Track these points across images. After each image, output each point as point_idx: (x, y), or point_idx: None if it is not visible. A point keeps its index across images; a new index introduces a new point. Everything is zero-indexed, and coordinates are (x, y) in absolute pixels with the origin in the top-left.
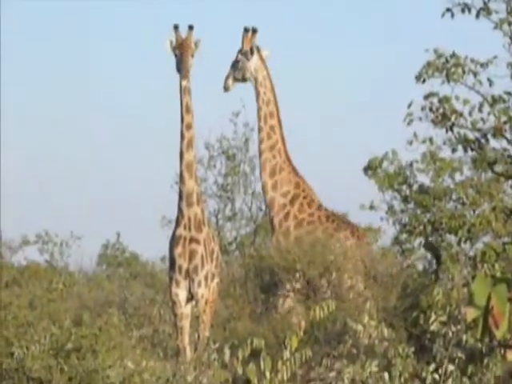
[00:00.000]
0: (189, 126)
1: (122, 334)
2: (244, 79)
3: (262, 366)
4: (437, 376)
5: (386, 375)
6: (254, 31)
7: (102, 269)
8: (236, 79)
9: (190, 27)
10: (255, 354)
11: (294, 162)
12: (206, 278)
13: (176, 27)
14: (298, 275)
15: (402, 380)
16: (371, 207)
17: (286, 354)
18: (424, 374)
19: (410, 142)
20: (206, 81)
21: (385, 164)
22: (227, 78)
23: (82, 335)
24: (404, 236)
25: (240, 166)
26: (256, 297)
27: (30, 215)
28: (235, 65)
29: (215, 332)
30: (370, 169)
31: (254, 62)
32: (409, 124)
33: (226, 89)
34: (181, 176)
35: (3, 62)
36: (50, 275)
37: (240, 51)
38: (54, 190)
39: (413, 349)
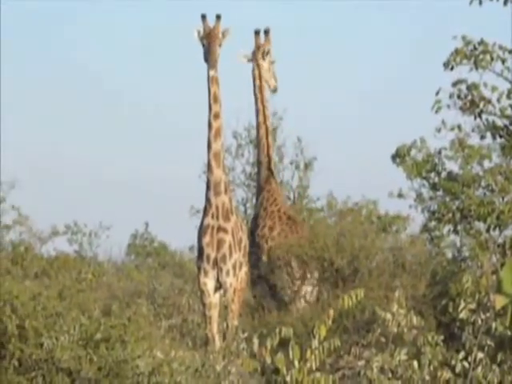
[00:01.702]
0: (216, 116)
1: (150, 324)
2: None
3: (291, 355)
4: (466, 364)
5: (415, 363)
6: (266, 32)
7: (131, 259)
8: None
9: (218, 17)
10: (284, 343)
11: (325, 151)
12: (234, 267)
13: (203, 17)
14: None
15: (432, 368)
16: (400, 195)
17: (315, 342)
18: (453, 362)
19: (439, 130)
20: (235, 70)
21: (413, 152)
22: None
23: (111, 325)
24: (433, 223)
25: None
26: (284, 285)
27: (60, 206)
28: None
29: (244, 321)
30: (399, 157)
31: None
32: (437, 111)
33: (274, 91)
34: (208, 165)
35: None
36: (79, 265)
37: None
38: (82, 180)
39: (442, 337)
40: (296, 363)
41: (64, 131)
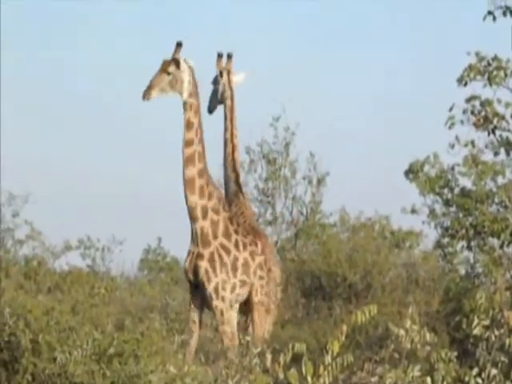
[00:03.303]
0: (189, 143)
1: (163, 338)
2: (174, 91)
3: (304, 371)
4: (480, 380)
5: (429, 380)
6: (229, 56)
7: (144, 274)
8: (163, 91)
9: (179, 44)
10: (297, 359)
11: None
12: (215, 290)
13: (179, 45)
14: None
15: None
16: (413, 211)
17: (328, 358)
18: (467, 379)
19: (452, 146)
20: (247, 86)
21: (426, 167)
22: (210, 103)
23: (124, 340)
24: (446, 240)
25: (281, 170)
26: (297, 301)
27: (72, 220)
28: (214, 93)
29: (256, 337)
30: (412, 172)
31: (186, 73)
32: (450, 127)
33: (148, 99)
34: (184, 193)
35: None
36: (92, 280)
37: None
38: (94, 195)
39: (455, 353)
40: (309, 379)
41: (77, 145)
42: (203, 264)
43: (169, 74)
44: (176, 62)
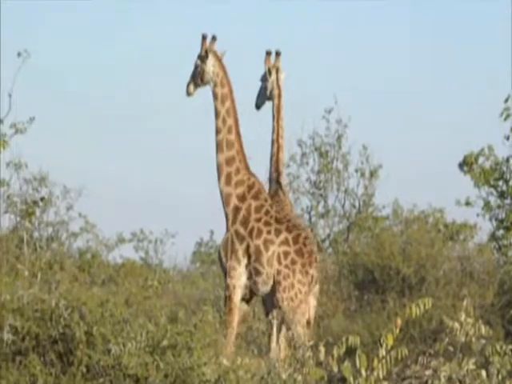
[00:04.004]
0: (218, 131)
1: (216, 331)
2: (204, 83)
3: (358, 364)
4: None
5: (484, 373)
6: (277, 54)
7: (196, 266)
8: (197, 85)
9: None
10: (350, 352)
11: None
12: (225, 277)
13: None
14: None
15: (500, 378)
16: (467, 203)
17: (382, 351)
18: None
19: (507, 137)
20: (298, 78)
21: (481, 160)
22: (188, 85)
23: (178, 332)
24: (501, 232)
25: (333, 163)
26: (350, 294)
27: (126, 214)
28: (194, 71)
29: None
30: (466, 164)
31: (210, 64)
32: (505, 119)
33: (189, 95)
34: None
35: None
36: (146, 273)
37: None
38: (148, 188)
39: (511, 346)
40: (363, 372)
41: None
42: (220, 250)
43: (197, 67)
44: (202, 55)
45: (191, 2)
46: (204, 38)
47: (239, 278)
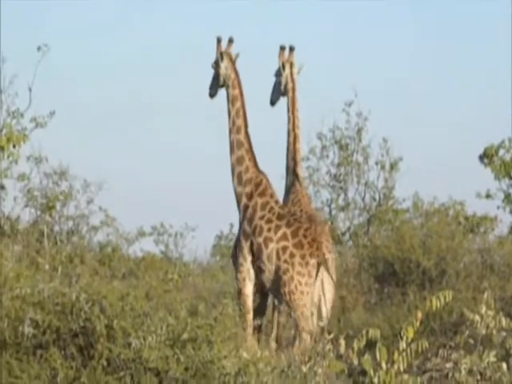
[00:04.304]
0: (229, 131)
1: (236, 324)
2: (221, 85)
3: (378, 357)
4: None
5: (504, 365)
6: (291, 49)
7: (216, 260)
8: (216, 86)
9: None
10: (371, 345)
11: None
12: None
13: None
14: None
15: None
16: (487, 196)
17: (402, 344)
18: None
19: None
20: (317, 72)
21: (501, 152)
22: (210, 87)
23: (198, 326)
24: None
25: (353, 156)
26: (370, 287)
27: (146, 207)
28: (214, 73)
29: (330, 323)
30: (486, 157)
31: (223, 67)
32: None
33: (211, 96)
34: None
35: None
36: (166, 266)
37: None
38: (169, 182)
39: None
40: (383, 365)
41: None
42: (232, 247)
43: (213, 70)
44: (217, 57)
45: (191, 2)
46: (219, 41)
47: (248, 272)
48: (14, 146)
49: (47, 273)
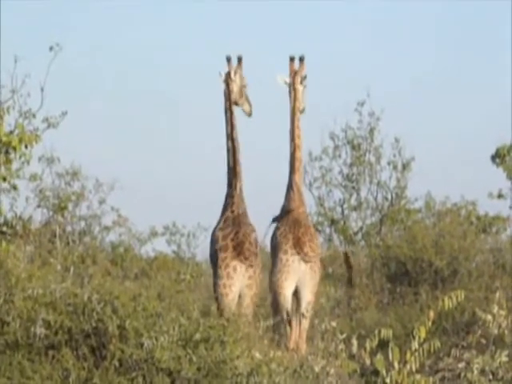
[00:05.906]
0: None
1: (249, 324)
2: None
3: (390, 357)
4: None
5: None
6: (301, 59)
7: None
8: (237, 104)
9: (239, 59)
10: (383, 345)
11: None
12: None
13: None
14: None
15: None
16: (500, 196)
17: (415, 344)
18: None
19: None
20: (330, 72)
21: None
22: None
23: (210, 326)
24: None
25: (365, 156)
26: (382, 287)
27: (158, 207)
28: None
29: (342, 322)
30: (498, 157)
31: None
32: None
33: (248, 115)
34: None
35: None
36: (178, 266)
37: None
38: (181, 182)
39: None
40: (395, 365)
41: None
42: None
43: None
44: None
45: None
46: (228, 60)
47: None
48: (26, 147)
49: (59, 273)
